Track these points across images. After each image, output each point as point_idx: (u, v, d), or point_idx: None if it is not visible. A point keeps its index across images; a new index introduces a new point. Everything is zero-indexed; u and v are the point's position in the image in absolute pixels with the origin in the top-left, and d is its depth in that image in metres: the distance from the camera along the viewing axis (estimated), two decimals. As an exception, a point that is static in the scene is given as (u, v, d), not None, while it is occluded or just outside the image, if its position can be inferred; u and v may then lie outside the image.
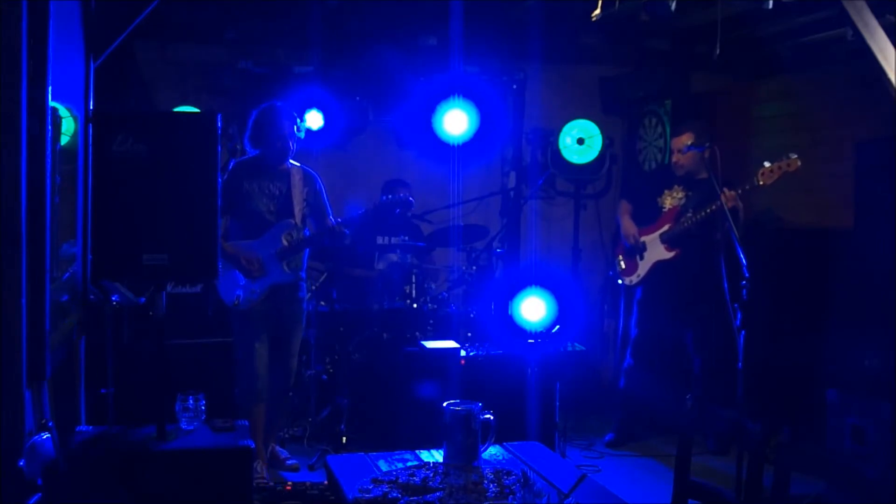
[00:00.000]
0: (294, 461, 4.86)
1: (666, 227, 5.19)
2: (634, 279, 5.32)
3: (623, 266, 5.40)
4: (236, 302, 4.48)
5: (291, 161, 4.64)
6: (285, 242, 4.52)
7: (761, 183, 4.63)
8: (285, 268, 4.53)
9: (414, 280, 5.42)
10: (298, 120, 4.63)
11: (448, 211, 6.27)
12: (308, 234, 4.63)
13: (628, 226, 5.35)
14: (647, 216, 5.33)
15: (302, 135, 4.64)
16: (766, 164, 4.62)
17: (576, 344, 5.25)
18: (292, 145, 4.56)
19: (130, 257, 3.03)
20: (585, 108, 6.62)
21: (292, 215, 4.54)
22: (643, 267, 5.28)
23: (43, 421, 2.97)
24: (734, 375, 3.97)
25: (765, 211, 5.91)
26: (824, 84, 5.75)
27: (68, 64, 3.57)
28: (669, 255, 5.16)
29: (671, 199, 5.26)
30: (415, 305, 5.33)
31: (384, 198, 4.73)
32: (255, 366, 4.50)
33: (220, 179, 3.11)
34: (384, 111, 6.39)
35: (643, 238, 5.28)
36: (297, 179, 4.61)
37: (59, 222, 3.37)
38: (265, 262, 4.49)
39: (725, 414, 2.67)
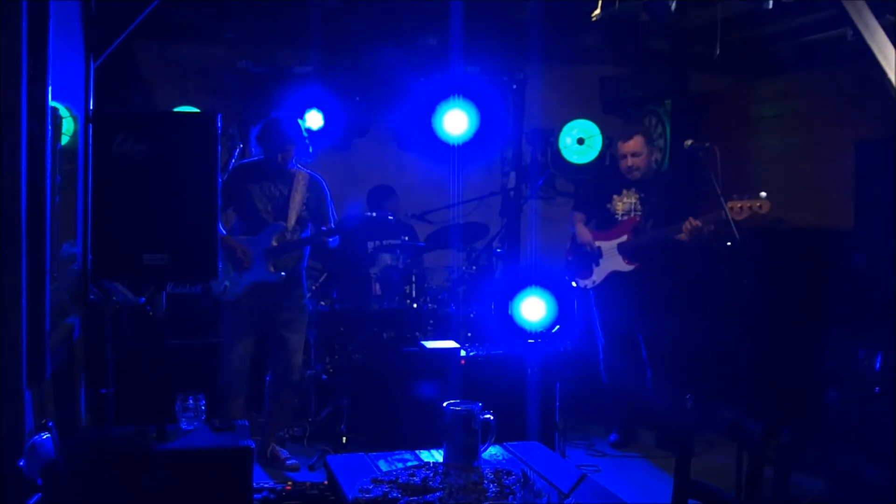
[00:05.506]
0: (294, 461, 4.85)
1: (623, 238, 5.18)
2: (589, 284, 5.33)
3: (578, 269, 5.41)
4: (224, 290, 4.59)
5: (300, 165, 4.73)
6: (274, 243, 4.63)
7: (728, 217, 4.44)
8: (270, 268, 4.62)
9: (414, 280, 5.42)
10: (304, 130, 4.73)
11: (448, 211, 6.26)
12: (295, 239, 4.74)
13: (583, 233, 5.34)
14: (600, 222, 5.33)
15: (311, 149, 4.72)
16: (735, 200, 4.49)
17: (576, 344, 5.25)
18: (296, 151, 4.64)
19: (130, 257, 3.03)
20: (585, 108, 6.62)
21: (286, 218, 4.64)
22: (598, 274, 5.27)
23: (43, 421, 2.97)
24: (734, 375, 3.97)
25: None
26: (824, 84, 5.74)
27: (68, 64, 3.57)
28: (628, 267, 5.16)
29: (622, 204, 5.24)
30: (415, 305, 5.33)
31: (359, 218, 4.80)
32: (230, 358, 4.61)
33: (220, 179, 3.11)
34: (384, 111, 6.39)
35: (598, 243, 5.26)
36: (300, 184, 4.70)
37: (59, 222, 3.37)
38: (254, 258, 4.60)
39: (725, 414, 2.67)
